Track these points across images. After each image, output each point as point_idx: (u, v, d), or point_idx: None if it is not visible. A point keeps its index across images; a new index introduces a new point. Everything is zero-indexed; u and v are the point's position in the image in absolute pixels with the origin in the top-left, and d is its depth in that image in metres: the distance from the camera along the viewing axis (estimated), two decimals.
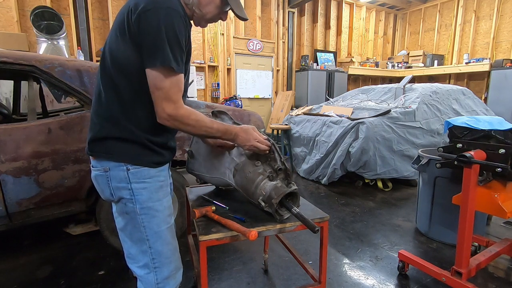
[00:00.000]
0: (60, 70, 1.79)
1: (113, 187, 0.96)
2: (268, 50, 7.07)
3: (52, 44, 4.15)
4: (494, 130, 1.56)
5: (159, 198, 1.00)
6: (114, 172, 0.95)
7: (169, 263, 1.03)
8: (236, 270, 1.90)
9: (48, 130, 1.72)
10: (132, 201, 0.96)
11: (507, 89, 6.31)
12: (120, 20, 0.89)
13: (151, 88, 0.88)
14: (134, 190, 0.95)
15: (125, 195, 0.96)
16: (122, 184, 0.95)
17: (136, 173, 0.95)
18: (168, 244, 1.02)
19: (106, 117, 0.94)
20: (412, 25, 9.03)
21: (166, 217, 1.02)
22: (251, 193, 1.12)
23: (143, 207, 0.96)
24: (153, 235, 0.98)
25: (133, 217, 0.97)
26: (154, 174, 0.99)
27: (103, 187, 0.98)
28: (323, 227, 1.19)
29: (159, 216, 0.99)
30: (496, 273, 1.88)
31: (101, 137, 0.95)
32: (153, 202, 0.98)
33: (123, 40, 0.88)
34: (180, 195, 2.18)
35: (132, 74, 0.90)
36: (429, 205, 2.29)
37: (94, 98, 0.99)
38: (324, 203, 3.12)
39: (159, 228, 0.99)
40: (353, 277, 1.85)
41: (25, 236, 2.41)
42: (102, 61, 0.95)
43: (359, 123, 3.39)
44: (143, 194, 0.96)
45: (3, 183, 1.60)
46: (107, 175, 0.95)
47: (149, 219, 0.97)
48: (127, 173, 0.94)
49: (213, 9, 0.99)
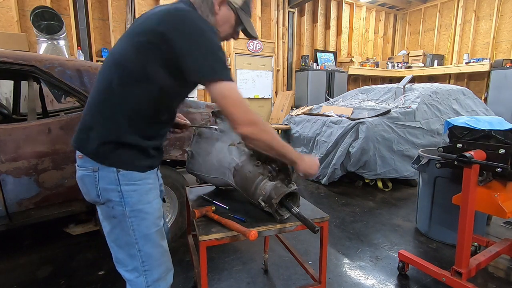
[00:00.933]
0: (60, 70, 1.78)
1: (100, 189, 0.93)
2: (268, 50, 7.07)
3: (52, 44, 4.15)
4: (494, 130, 1.56)
5: (149, 201, 0.98)
6: (103, 173, 0.92)
7: (159, 265, 1.01)
8: (236, 270, 1.90)
9: (48, 130, 1.72)
10: (121, 203, 0.93)
11: (507, 89, 6.31)
12: (142, 31, 0.88)
13: (220, 101, 0.88)
14: (124, 192, 0.93)
15: (113, 197, 0.93)
16: (111, 186, 0.92)
17: (126, 175, 0.93)
18: (157, 247, 1.00)
19: (105, 118, 0.92)
20: (412, 25, 9.04)
21: (156, 219, 1.00)
22: (251, 193, 1.12)
23: (133, 210, 0.94)
24: (142, 238, 0.96)
25: (122, 220, 0.94)
26: (144, 176, 0.97)
27: (89, 187, 0.95)
28: (323, 227, 1.19)
29: (149, 218, 0.97)
30: (496, 273, 1.88)
31: (97, 139, 0.92)
32: (143, 205, 0.96)
33: (139, 49, 0.87)
34: (180, 195, 2.17)
35: (140, 82, 0.90)
36: (429, 205, 2.29)
37: (93, 99, 0.96)
38: (324, 203, 3.12)
39: (149, 230, 0.97)
40: (353, 277, 1.85)
41: (25, 236, 2.41)
42: (107, 67, 0.94)
43: (359, 123, 3.39)
44: (133, 197, 0.94)
45: (3, 183, 1.60)
46: (95, 176, 0.92)
47: (138, 221, 0.95)
48: (117, 174, 0.92)
49: (228, 28, 1.03)
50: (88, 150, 0.93)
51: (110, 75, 0.92)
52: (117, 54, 0.92)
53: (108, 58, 0.95)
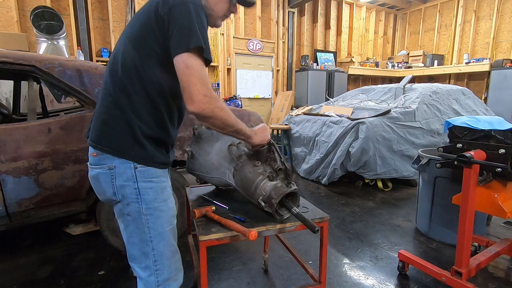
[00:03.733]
0: (60, 70, 1.78)
1: (117, 186, 0.93)
2: (268, 50, 7.07)
3: (52, 44, 4.15)
4: (494, 130, 1.56)
5: (165, 199, 0.99)
6: (120, 169, 0.92)
7: (170, 264, 1.01)
8: (236, 270, 1.90)
9: (48, 130, 1.72)
10: (138, 200, 0.93)
11: (507, 89, 6.31)
12: (144, 18, 0.90)
13: (182, 70, 0.85)
14: (140, 189, 0.93)
15: (129, 194, 0.93)
16: (129, 182, 0.92)
17: (144, 171, 0.93)
18: (170, 246, 1.01)
19: (124, 108, 0.92)
20: (412, 25, 9.03)
21: (170, 218, 1.01)
22: (251, 193, 1.12)
23: (149, 207, 0.95)
24: (157, 236, 0.97)
25: (137, 217, 0.94)
26: (160, 174, 0.98)
27: (105, 186, 0.94)
28: (323, 227, 1.19)
29: (164, 216, 0.98)
30: (496, 273, 1.88)
31: (111, 131, 0.92)
32: (159, 203, 0.96)
33: (143, 44, 0.89)
34: (180, 195, 2.18)
35: (144, 78, 0.91)
36: (429, 205, 2.29)
37: (107, 90, 0.95)
38: (324, 203, 3.12)
39: (163, 229, 0.98)
40: (353, 277, 1.85)
41: (25, 236, 2.41)
42: (113, 65, 0.95)
43: (359, 123, 3.39)
44: (149, 194, 0.94)
45: (3, 183, 1.60)
46: (111, 173, 0.92)
47: (154, 219, 0.96)
48: (134, 171, 0.92)
49: (223, 5, 1.03)
50: (107, 144, 0.92)
51: (130, 58, 0.91)
52: (131, 35, 0.93)
53: (117, 58, 0.94)
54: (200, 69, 0.86)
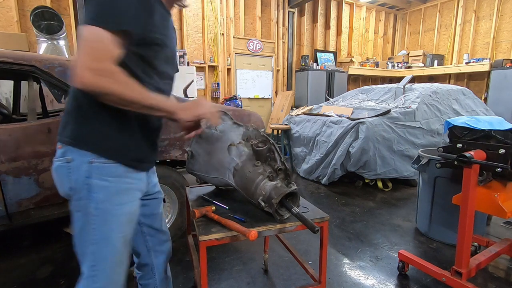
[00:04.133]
0: (60, 70, 1.79)
1: (73, 180, 0.86)
2: (268, 50, 7.07)
3: (52, 44, 4.15)
4: (494, 130, 1.56)
5: (121, 202, 0.90)
6: (77, 163, 0.85)
7: (110, 275, 0.91)
8: (236, 270, 1.90)
9: (48, 130, 1.72)
10: (88, 198, 0.86)
11: (507, 89, 6.31)
12: None
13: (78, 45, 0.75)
14: (92, 186, 0.85)
15: (81, 189, 0.86)
16: (82, 178, 0.85)
17: (100, 168, 0.86)
18: (116, 254, 0.91)
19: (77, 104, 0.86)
20: (412, 25, 9.04)
21: (124, 224, 0.91)
22: (251, 193, 1.12)
23: (98, 208, 0.86)
24: (102, 240, 0.88)
25: (85, 215, 0.87)
26: (121, 174, 0.89)
27: (62, 179, 0.88)
28: (323, 227, 1.19)
29: (114, 221, 0.89)
30: (496, 273, 1.88)
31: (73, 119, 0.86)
32: (111, 205, 0.88)
33: None
34: (180, 195, 2.18)
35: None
36: (429, 205, 2.29)
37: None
38: (324, 203, 3.12)
39: (111, 234, 0.89)
40: (353, 277, 1.85)
41: (25, 236, 2.41)
42: None
43: (359, 123, 3.39)
44: (100, 193, 0.86)
45: (3, 183, 1.60)
46: (68, 167, 0.85)
47: (101, 221, 0.87)
48: (89, 165, 0.85)
49: None
50: (68, 133, 0.86)
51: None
52: None
53: None
54: (92, 38, 0.73)
